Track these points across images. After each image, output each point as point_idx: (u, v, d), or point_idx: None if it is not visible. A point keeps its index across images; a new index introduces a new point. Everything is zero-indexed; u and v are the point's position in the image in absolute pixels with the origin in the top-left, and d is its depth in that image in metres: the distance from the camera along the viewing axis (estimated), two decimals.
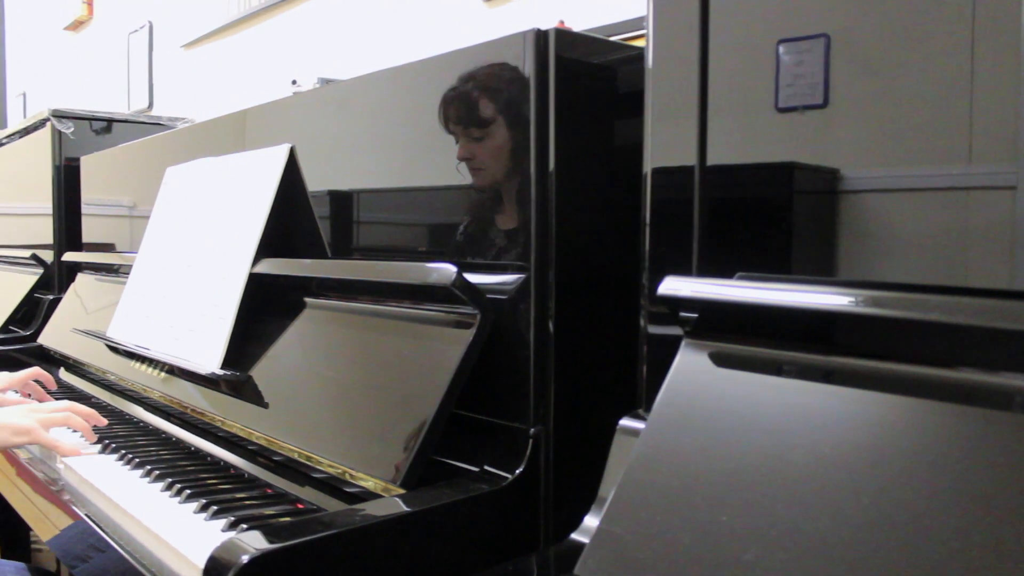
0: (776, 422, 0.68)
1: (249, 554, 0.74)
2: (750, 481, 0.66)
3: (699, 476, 0.69)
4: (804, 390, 0.69)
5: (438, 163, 1.09)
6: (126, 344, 1.56)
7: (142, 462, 1.24)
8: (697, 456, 0.70)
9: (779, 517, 0.63)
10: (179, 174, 1.64)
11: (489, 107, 1.01)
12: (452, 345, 0.94)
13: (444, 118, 1.06)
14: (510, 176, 0.99)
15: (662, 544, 0.67)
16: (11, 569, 1.42)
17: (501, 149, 1.00)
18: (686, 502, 0.68)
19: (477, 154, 1.02)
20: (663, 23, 0.84)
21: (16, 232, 2.85)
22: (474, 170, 1.03)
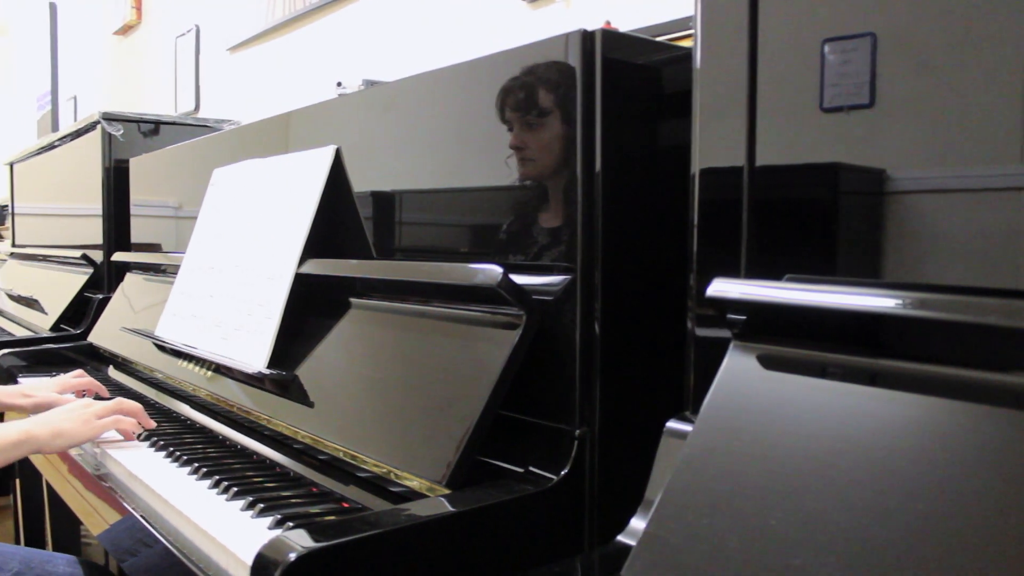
0: (825, 426, 0.67)
1: (296, 552, 0.75)
2: (799, 485, 0.65)
3: (747, 479, 0.68)
4: (854, 393, 0.68)
5: (482, 164, 1.09)
6: (173, 343, 1.58)
7: (190, 459, 1.25)
8: (745, 459, 0.70)
9: (829, 522, 0.62)
10: (226, 175, 1.66)
11: (535, 108, 1.01)
12: (498, 346, 0.94)
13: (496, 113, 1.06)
14: (556, 175, 0.99)
15: (710, 548, 0.66)
16: (63, 562, 1.44)
17: (546, 150, 1.00)
18: (734, 506, 0.67)
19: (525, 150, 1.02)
20: (711, 23, 0.84)
21: (67, 233, 2.91)
22: (522, 160, 1.03)
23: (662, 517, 0.70)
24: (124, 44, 4.49)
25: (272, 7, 2.77)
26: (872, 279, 0.73)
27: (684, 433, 0.80)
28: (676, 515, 0.70)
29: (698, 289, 0.83)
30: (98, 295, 2.40)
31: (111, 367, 2.05)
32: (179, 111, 3.61)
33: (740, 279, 0.78)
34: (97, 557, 2.33)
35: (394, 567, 0.81)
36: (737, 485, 0.68)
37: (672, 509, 0.70)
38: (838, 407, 0.68)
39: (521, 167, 1.04)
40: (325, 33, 2.52)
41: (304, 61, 2.64)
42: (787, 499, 0.65)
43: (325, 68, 2.52)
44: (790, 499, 0.65)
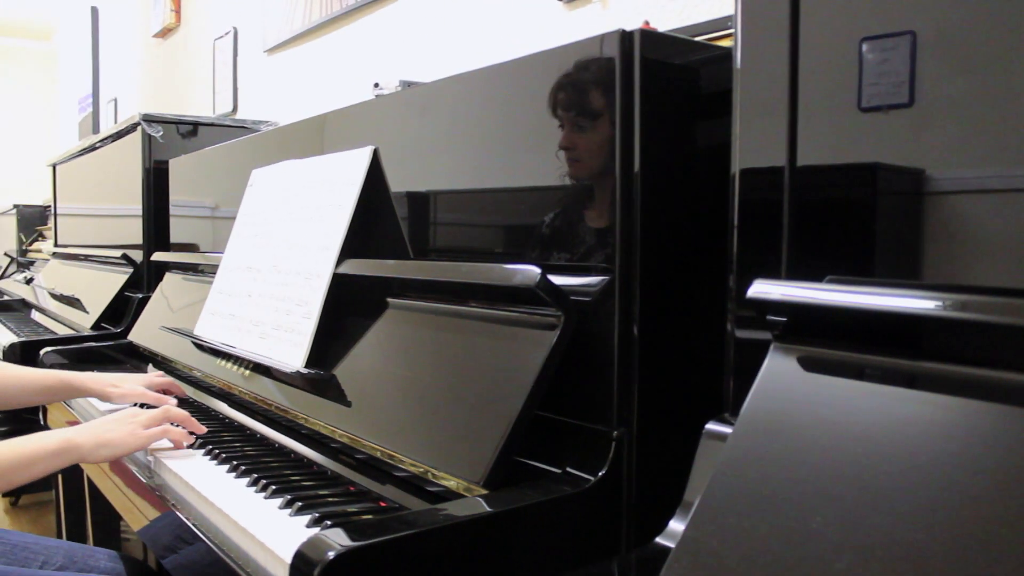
0: (867, 428, 0.66)
1: (335, 550, 0.75)
2: (841, 488, 0.65)
3: (788, 482, 0.67)
4: (895, 396, 0.68)
5: (519, 165, 1.09)
6: (212, 342, 1.59)
7: (229, 457, 1.26)
8: (786, 462, 0.69)
9: (872, 526, 0.61)
10: (264, 175, 1.68)
11: (572, 109, 1.01)
12: (535, 346, 0.94)
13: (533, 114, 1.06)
14: (594, 176, 0.99)
15: (751, 551, 0.65)
16: (104, 556, 1.47)
17: (584, 151, 0.99)
18: (775, 509, 0.66)
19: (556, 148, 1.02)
20: (751, 23, 0.83)
21: (108, 233, 2.95)
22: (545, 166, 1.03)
23: (702, 519, 0.70)
24: (163, 47, 4.55)
25: (309, 9, 2.79)
26: (913, 280, 0.72)
27: (724, 435, 0.79)
28: (716, 517, 0.69)
29: (738, 290, 0.82)
30: (138, 294, 2.43)
31: (150, 365, 2.08)
32: (217, 112, 3.65)
33: (781, 280, 0.77)
34: (136, 552, 2.36)
35: (431, 567, 0.81)
36: (778, 488, 0.68)
37: (712, 511, 0.70)
38: (880, 409, 0.67)
39: (558, 168, 1.04)
40: (362, 34, 2.54)
41: (341, 62, 2.65)
42: (829, 503, 0.64)
43: (362, 69, 2.53)
44: (832, 503, 0.64)
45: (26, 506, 4.05)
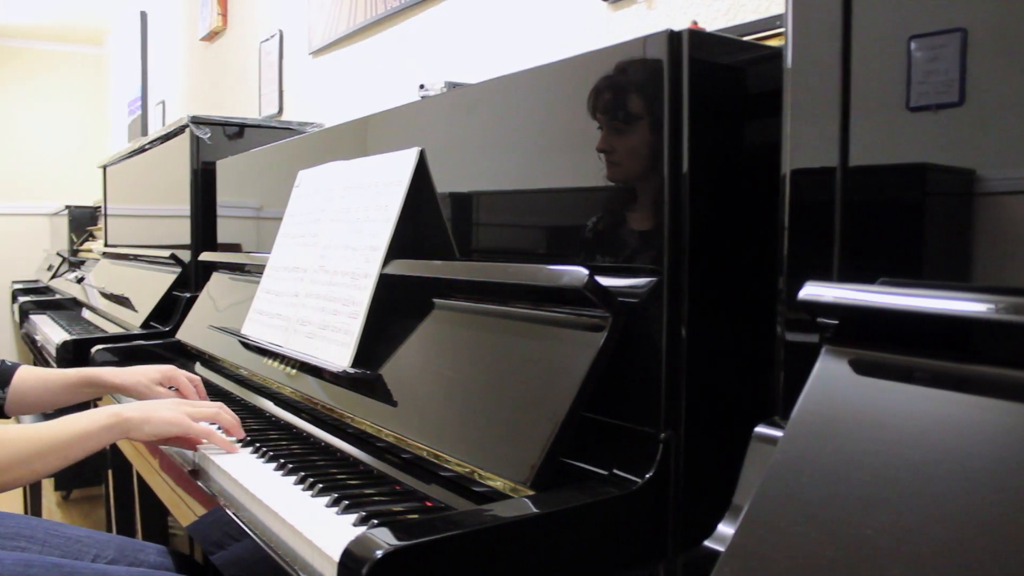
0: (920, 433, 0.65)
1: (383, 549, 0.76)
2: (895, 494, 0.64)
3: (841, 487, 0.67)
4: (950, 400, 0.66)
5: (565, 166, 1.09)
6: (259, 341, 1.61)
7: (276, 456, 1.28)
8: (839, 466, 0.68)
9: (928, 534, 0.60)
10: (311, 176, 1.69)
11: (620, 109, 1.00)
12: (583, 348, 0.94)
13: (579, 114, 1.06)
14: (642, 177, 0.98)
15: (802, 557, 0.65)
16: (154, 551, 1.49)
17: (633, 150, 0.99)
18: (827, 514, 0.66)
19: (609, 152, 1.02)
20: (802, 22, 0.82)
21: (156, 233, 2.99)
22: (607, 162, 1.03)
23: (752, 524, 0.69)
24: (210, 50, 4.61)
25: (354, 11, 2.81)
26: (967, 282, 0.71)
27: (773, 438, 0.79)
28: (766, 522, 0.69)
29: (788, 292, 0.81)
30: (185, 294, 2.47)
31: (198, 364, 2.11)
32: (263, 114, 3.69)
33: (833, 282, 0.77)
34: (182, 547, 2.40)
35: (478, 568, 0.81)
36: (830, 493, 0.67)
37: (762, 516, 0.69)
38: (933, 414, 0.66)
39: (605, 169, 1.04)
40: (407, 36, 2.55)
41: (386, 64, 2.67)
42: (883, 509, 0.63)
43: (407, 70, 2.54)
44: (886, 509, 0.63)
45: (77, 500, 4.13)
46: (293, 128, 2.60)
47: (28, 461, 1.17)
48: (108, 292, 3.16)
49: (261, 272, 1.76)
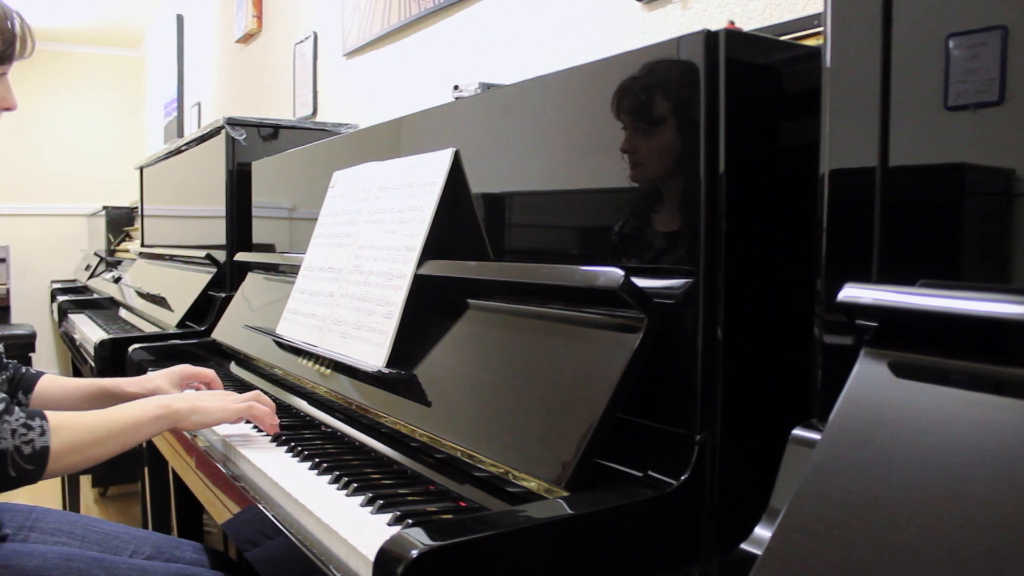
0: (963, 437, 0.64)
1: (418, 549, 0.76)
2: (935, 499, 0.63)
3: (880, 491, 0.66)
4: (993, 404, 0.65)
5: (601, 167, 1.09)
6: (294, 341, 1.62)
7: (310, 455, 1.29)
8: (878, 470, 0.67)
9: (968, 539, 0.59)
10: (346, 177, 1.70)
11: (657, 108, 1.00)
12: (618, 349, 0.94)
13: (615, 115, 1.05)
14: (677, 178, 0.98)
15: (841, 561, 0.64)
16: (189, 548, 1.51)
17: (668, 150, 0.99)
18: (866, 518, 0.65)
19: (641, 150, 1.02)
20: (841, 21, 0.81)
21: (192, 233, 3.03)
22: (641, 163, 1.02)
23: (789, 527, 0.69)
24: (245, 52, 4.66)
25: (387, 13, 2.82)
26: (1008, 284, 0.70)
27: (811, 441, 0.78)
28: (804, 525, 0.68)
29: (827, 294, 0.80)
30: (221, 293, 2.49)
31: (233, 363, 2.13)
32: (297, 115, 3.72)
33: (872, 284, 0.76)
34: (217, 544, 2.42)
35: (512, 568, 0.81)
36: (869, 497, 0.66)
37: (800, 519, 0.68)
38: (975, 417, 0.65)
39: (641, 169, 1.03)
40: (441, 37, 2.56)
41: (420, 65, 2.68)
42: (923, 513, 0.62)
43: (441, 72, 2.55)
44: (926, 513, 0.62)
45: (114, 497, 4.19)
46: (327, 129, 2.61)
47: (88, 447, 1.21)
48: (144, 292, 3.20)
49: (296, 272, 1.77)
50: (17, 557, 1.23)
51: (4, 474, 1.11)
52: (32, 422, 1.15)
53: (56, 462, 1.16)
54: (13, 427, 1.12)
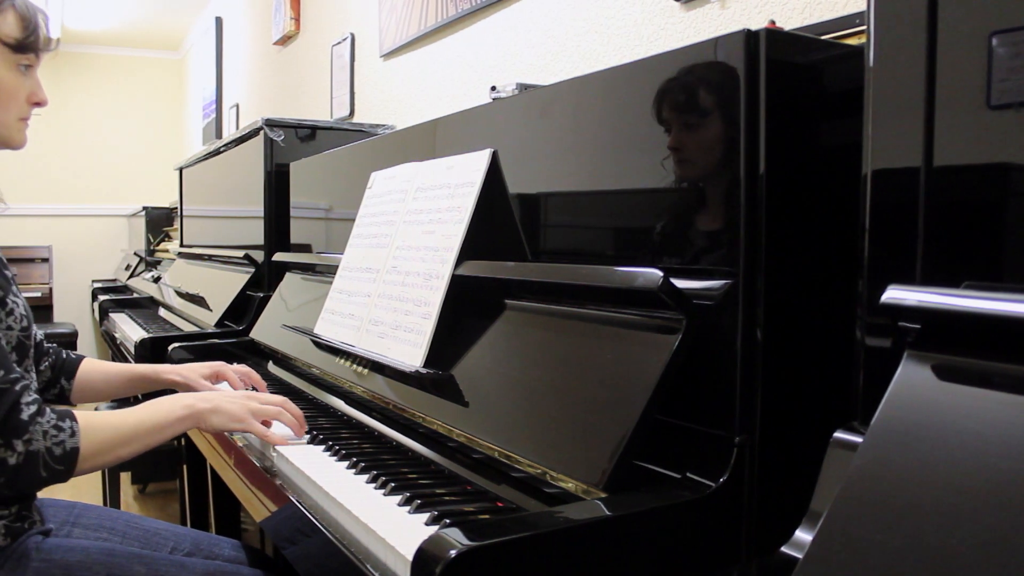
0: (1008, 441, 0.63)
1: (457, 549, 0.76)
2: (982, 505, 0.62)
3: (924, 496, 0.65)
4: None
5: (639, 167, 1.08)
6: (332, 340, 1.63)
7: (348, 454, 1.29)
8: (922, 474, 0.66)
9: (1017, 548, 0.58)
10: (384, 177, 1.71)
11: (697, 109, 1.00)
12: (656, 350, 0.93)
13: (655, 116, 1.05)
14: (716, 178, 0.97)
15: (884, 566, 0.63)
16: (228, 545, 1.52)
17: (708, 153, 0.98)
18: (910, 523, 0.64)
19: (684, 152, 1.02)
20: (885, 19, 0.80)
21: (230, 233, 3.06)
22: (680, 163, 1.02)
23: (831, 530, 0.68)
24: (283, 54, 4.70)
25: (424, 14, 2.83)
26: None
27: (853, 444, 0.77)
28: (846, 529, 0.67)
29: (869, 296, 0.79)
30: (259, 293, 2.51)
31: (270, 362, 2.15)
32: (334, 117, 3.74)
33: (916, 286, 0.75)
34: (253, 541, 2.44)
35: (549, 569, 0.81)
36: (913, 501, 0.65)
37: (841, 523, 0.68)
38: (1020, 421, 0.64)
39: (680, 170, 1.03)
40: (478, 38, 2.57)
41: (457, 66, 2.69)
42: (969, 519, 0.61)
43: (478, 73, 2.55)
44: (972, 519, 0.61)
45: (152, 494, 4.24)
46: (364, 130, 2.63)
47: (115, 447, 1.24)
48: (183, 291, 3.24)
49: (333, 273, 1.78)
50: (61, 551, 1.25)
51: (35, 474, 1.13)
52: (63, 423, 1.17)
53: (84, 463, 1.18)
54: (45, 428, 1.14)
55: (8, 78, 1.29)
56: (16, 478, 1.12)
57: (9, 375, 1.14)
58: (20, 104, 1.32)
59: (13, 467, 1.11)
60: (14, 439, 1.11)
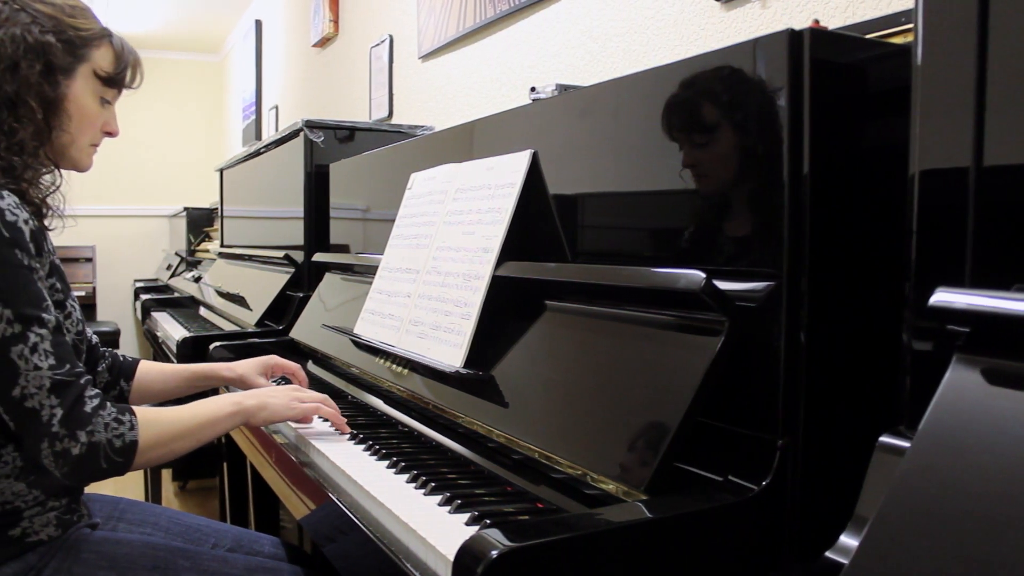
0: None
1: (499, 550, 0.76)
2: None
3: (973, 504, 0.64)
4: None
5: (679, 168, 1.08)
6: (371, 340, 1.64)
7: (388, 453, 1.30)
8: (971, 481, 0.65)
9: None
10: (424, 178, 1.72)
11: (740, 109, 0.99)
12: (698, 351, 0.93)
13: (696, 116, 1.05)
14: (758, 179, 0.96)
15: (931, 573, 0.62)
16: (268, 542, 1.54)
17: (750, 151, 0.97)
18: (959, 530, 0.63)
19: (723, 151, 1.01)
20: (934, 17, 0.79)
21: (270, 234, 3.09)
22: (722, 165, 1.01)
23: (877, 536, 0.67)
24: (322, 56, 4.73)
25: (463, 15, 2.84)
26: None
27: (900, 449, 0.76)
28: (893, 535, 0.66)
29: (916, 298, 0.78)
30: (298, 293, 2.53)
31: (310, 362, 2.16)
32: (373, 118, 3.76)
33: (965, 288, 0.73)
34: (292, 538, 2.46)
35: (590, 571, 0.81)
36: (961, 509, 0.64)
37: (889, 528, 0.67)
38: None
39: (722, 170, 1.02)
40: (517, 39, 2.57)
41: (496, 67, 2.69)
42: (1018, 527, 0.60)
43: (517, 73, 2.56)
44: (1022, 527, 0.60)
45: (192, 490, 4.30)
46: (403, 131, 2.64)
47: (171, 441, 1.27)
48: (224, 291, 3.27)
49: (373, 273, 1.79)
50: (108, 545, 1.27)
51: (96, 465, 1.16)
52: (123, 417, 1.20)
53: (142, 456, 1.21)
54: (106, 421, 1.17)
55: (92, 107, 1.36)
56: (78, 468, 1.16)
57: (74, 369, 1.18)
58: (95, 131, 1.39)
59: (76, 457, 1.15)
60: (78, 430, 1.15)
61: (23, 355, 1.14)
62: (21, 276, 1.16)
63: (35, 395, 1.14)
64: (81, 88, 1.33)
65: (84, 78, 1.34)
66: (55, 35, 1.29)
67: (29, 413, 1.14)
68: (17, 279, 1.15)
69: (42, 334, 1.16)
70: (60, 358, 1.17)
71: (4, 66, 1.25)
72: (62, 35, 1.30)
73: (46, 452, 1.14)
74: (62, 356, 1.17)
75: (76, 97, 1.33)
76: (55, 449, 1.14)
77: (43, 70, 1.28)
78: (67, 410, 1.15)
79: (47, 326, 1.17)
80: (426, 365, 1.40)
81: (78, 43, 1.32)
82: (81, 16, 1.34)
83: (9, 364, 1.13)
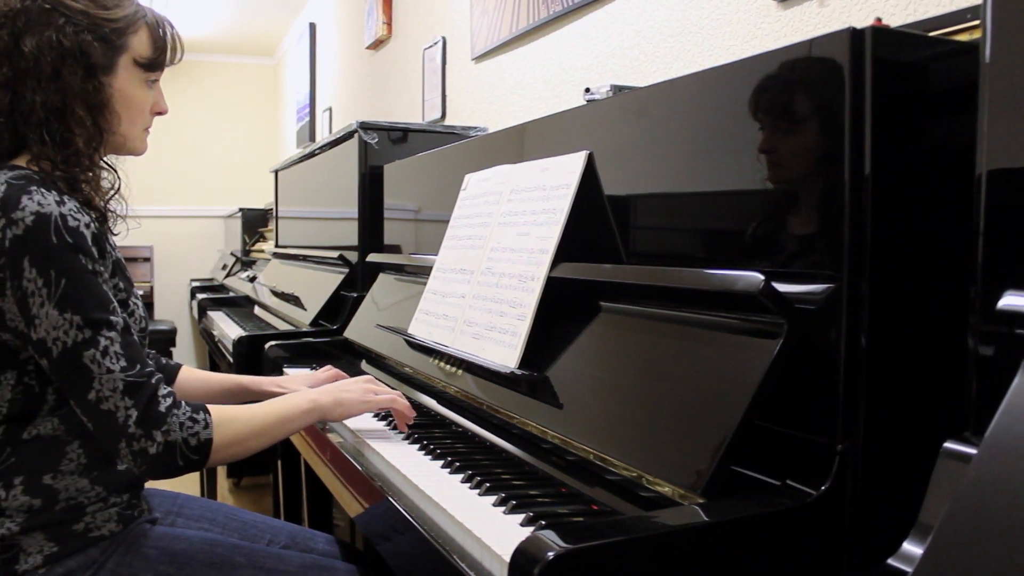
0: None
1: (555, 551, 0.76)
2: None
3: None
4: None
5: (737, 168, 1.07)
6: (425, 340, 1.65)
7: (442, 453, 1.31)
8: None
9: None
10: (478, 179, 1.72)
11: (799, 109, 0.98)
12: (757, 354, 0.92)
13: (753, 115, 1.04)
14: (820, 180, 0.95)
15: None
16: (322, 540, 1.55)
17: (811, 151, 0.96)
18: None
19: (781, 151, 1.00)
20: (1003, 14, 0.78)
21: (325, 234, 3.12)
22: (781, 164, 1.00)
23: (943, 544, 0.66)
24: (375, 57, 4.77)
25: (516, 16, 2.84)
26: None
27: (965, 455, 0.74)
28: (959, 543, 0.65)
29: (983, 302, 0.77)
30: (352, 293, 2.55)
31: (363, 361, 2.18)
32: (426, 119, 3.78)
33: None
34: (344, 536, 2.48)
35: (646, 574, 0.81)
36: None
37: (955, 536, 0.66)
38: None
39: (781, 171, 1.01)
40: (570, 40, 2.56)
41: (549, 68, 2.69)
42: None
43: (571, 74, 2.55)
44: None
45: (247, 487, 4.36)
46: (456, 132, 2.65)
47: (246, 440, 1.30)
48: (278, 291, 3.31)
49: (426, 274, 1.80)
50: (167, 540, 1.30)
51: (173, 463, 1.19)
52: (197, 416, 1.23)
53: (217, 454, 1.24)
54: (181, 420, 1.20)
55: (138, 94, 1.34)
56: (156, 467, 1.19)
57: (144, 369, 1.21)
58: (145, 117, 1.38)
59: (153, 456, 1.18)
60: (154, 430, 1.18)
61: (95, 359, 1.16)
62: (86, 281, 1.18)
63: (110, 398, 1.16)
64: (124, 80, 1.31)
65: (125, 69, 1.31)
66: (91, 32, 1.26)
67: (106, 415, 1.17)
68: (83, 284, 1.18)
69: (111, 337, 1.18)
70: (131, 359, 1.19)
71: (46, 76, 1.23)
72: (98, 31, 1.27)
73: (124, 452, 1.18)
74: (133, 357, 1.20)
75: (121, 90, 1.31)
76: (133, 449, 1.17)
77: (85, 74, 1.25)
78: (142, 411, 1.17)
79: (116, 328, 1.19)
80: (480, 365, 1.40)
81: (114, 36, 1.29)
82: (112, 3, 1.30)
83: (83, 369, 1.16)
